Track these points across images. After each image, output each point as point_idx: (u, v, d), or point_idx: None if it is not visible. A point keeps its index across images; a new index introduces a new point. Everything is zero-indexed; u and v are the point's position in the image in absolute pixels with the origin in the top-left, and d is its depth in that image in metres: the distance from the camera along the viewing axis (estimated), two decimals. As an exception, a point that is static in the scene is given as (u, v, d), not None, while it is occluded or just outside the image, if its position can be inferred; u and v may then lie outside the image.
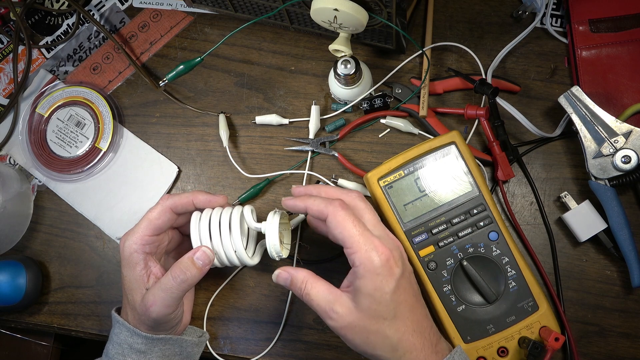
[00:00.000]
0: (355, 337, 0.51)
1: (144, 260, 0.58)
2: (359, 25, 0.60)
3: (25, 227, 0.74)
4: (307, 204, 0.54)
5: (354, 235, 0.51)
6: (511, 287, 0.60)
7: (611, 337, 0.63)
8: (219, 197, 0.60)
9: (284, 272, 0.55)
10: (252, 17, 0.71)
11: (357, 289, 0.51)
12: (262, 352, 0.67)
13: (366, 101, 0.68)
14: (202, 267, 0.56)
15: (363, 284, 0.50)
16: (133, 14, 0.77)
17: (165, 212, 0.58)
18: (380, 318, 0.51)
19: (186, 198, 0.59)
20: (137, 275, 0.58)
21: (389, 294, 0.50)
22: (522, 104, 0.68)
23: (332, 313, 0.51)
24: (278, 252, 0.57)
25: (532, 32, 0.68)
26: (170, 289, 0.55)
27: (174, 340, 0.61)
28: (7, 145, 0.76)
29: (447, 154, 0.61)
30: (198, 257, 0.56)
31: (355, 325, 0.51)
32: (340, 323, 0.51)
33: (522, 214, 0.66)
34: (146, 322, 0.58)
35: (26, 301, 0.70)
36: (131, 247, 0.58)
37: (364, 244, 0.51)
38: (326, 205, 0.53)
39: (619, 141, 0.61)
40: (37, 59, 0.78)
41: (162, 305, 0.56)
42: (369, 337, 0.51)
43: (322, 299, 0.52)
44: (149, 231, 0.58)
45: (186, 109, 0.73)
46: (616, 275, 0.64)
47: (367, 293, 0.50)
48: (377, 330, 0.51)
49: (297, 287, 0.54)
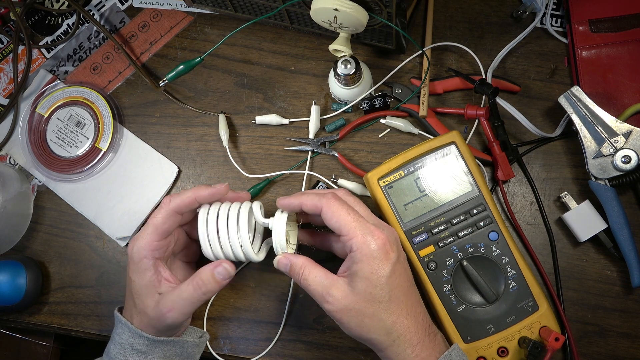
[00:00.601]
0: (350, 321, 0.52)
1: (153, 266, 0.58)
2: (359, 25, 0.60)
3: (25, 227, 0.74)
4: (302, 200, 0.56)
5: (349, 222, 0.53)
6: (511, 287, 0.60)
7: (611, 337, 0.63)
8: (221, 187, 0.59)
9: (284, 258, 0.57)
10: (252, 17, 0.71)
11: (354, 273, 0.52)
12: (262, 352, 0.67)
13: (366, 101, 0.68)
14: (221, 282, 0.57)
15: (360, 267, 0.52)
16: (133, 14, 0.77)
17: (170, 216, 0.58)
18: (375, 301, 0.52)
19: (189, 198, 0.58)
20: (147, 281, 0.58)
21: (384, 277, 0.52)
22: (522, 104, 0.68)
23: (328, 297, 0.53)
24: (284, 248, 0.57)
25: (532, 32, 0.68)
26: (189, 299, 0.56)
27: (175, 342, 0.61)
28: (7, 145, 0.76)
29: (447, 154, 0.61)
30: (219, 272, 0.57)
31: (351, 308, 0.52)
32: (336, 306, 0.52)
33: (522, 214, 0.66)
34: (157, 326, 0.58)
35: (26, 301, 0.70)
36: (140, 253, 0.58)
37: (360, 230, 0.53)
38: (319, 199, 0.55)
39: (619, 141, 0.61)
40: (37, 59, 0.78)
41: (179, 313, 0.57)
42: (364, 321, 0.52)
43: (319, 284, 0.53)
44: (157, 237, 0.58)
45: (186, 109, 0.73)
46: (616, 275, 0.64)
47: (364, 276, 0.52)
48: (372, 313, 0.52)
49: (295, 272, 0.55)
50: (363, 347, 0.65)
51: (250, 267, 0.69)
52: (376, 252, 0.52)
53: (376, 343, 0.53)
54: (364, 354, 0.66)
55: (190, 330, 0.65)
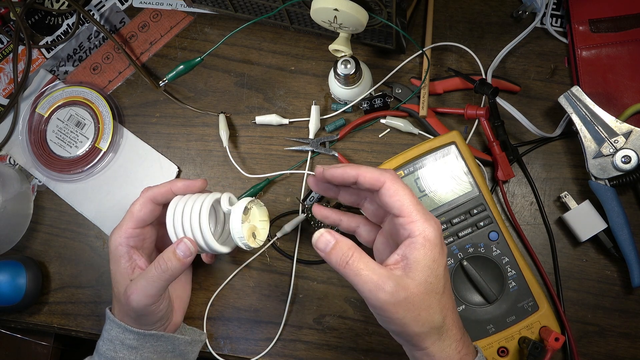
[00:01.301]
0: (406, 315, 0.46)
1: (127, 254, 0.58)
2: (359, 25, 0.60)
3: (25, 227, 0.74)
4: (360, 171, 0.50)
5: (412, 204, 0.48)
6: (511, 287, 0.60)
7: (611, 337, 0.63)
8: (197, 181, 0.60)
9: (328, 234, 0.49)
10: (252, 17, 0.71)
11: (415, 261, 0.47)
12: (262, 352, 0.67)
13: (366, 101, 0.68)
14: (183, 259, 0.56)
15: (422, 255, 0.47)
16: (133, 14, 0.77)
17: (147, 204, 0.59)
18: (432, 292, 0.47)
19: (164, 187, 0.60)
20: (122, 268, 0.58)
21: (442, 267, 0.48)
22: (522, 104, 0.68)
23: (386, 287, 0.45)
24: (240, 235, 0.57)
25: (532, 32, 0.68)
26: (151, 278, 0.56)
27: (165, 338, 0.61)
28: (7, 145, 0.76)
29: (447, 154, 0.61)
30: (180, 249, 0.57)
31: (410, 301, 0.46)
32: (394, 298, 0.46)
33: (522, 214, 0.66)
34: (128, 312, 0.58)
35: (26, 301, 0.70)
36: (116, 241, 0.59)
37: (422, 214, 0.48)
38: (381, 173, 0.49)
39: (619, 141, 0.61)
40: (37, 59, 0.78)
41: (142, 295, 0.56)
42: (420, 314, 0.47)
43: (373, 272, 0.46)
44: (132, 224, 0.59)
45: (186, 109, 0.73)
46: (616, 275, 0.64)
47: (426, 265, 0.47)
48: (429, 305, 0.47)
49: (340, 255, 0.48)
50: (363, 347, 0.65)
51: (251, 267, 0.69)
52: (437, 239, 0.47)
53: (424, 338, 0.48)
54: (364, 354, 0.66)
55: (189, 330, 0.65)
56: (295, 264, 0.68)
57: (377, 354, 0.65)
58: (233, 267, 0.69)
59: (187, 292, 0.68)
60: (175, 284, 0.64)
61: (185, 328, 0.66)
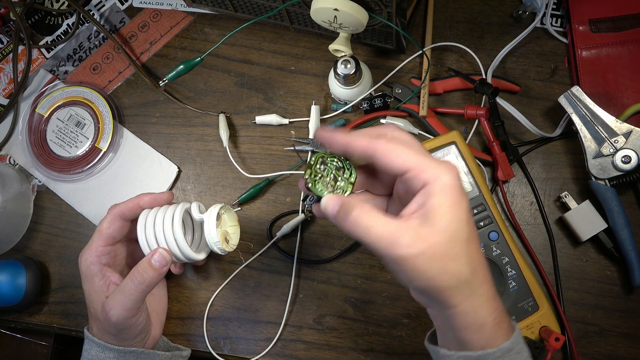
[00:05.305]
0: (432, 267, 0.40)
1: (100, 272, 0.59)
2: (359, 25, 0.60)
3: (25, 227, 0.74)
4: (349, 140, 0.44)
5: (416, 153, 0.42)
6: (511, 287, 0.60)
7: (611, 337, 0.63)
8: (164, 194, 0.61)
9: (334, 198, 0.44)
10: (252, 17, 0.71)
11: (433, 208, 0.41)
12: (262, 352, 0.67)
13: (366, 101, 0.68)
14: (159, 269, 0.57)
15: (440, 201, 0.41)
16: (133, 13, 0.77)
17: (115, 220, 0.59)
18: (458, 240, 0.41)
19: (132, 202, 0.60)
20: (96, 287, 0.59)
21: (464, 211, 0.42)
22: (522, 104, 0.68)
23: (402, 239, 0.40)
24: (215, 241, 0.58)
25: (532, 32, 0.68)
26: (128, 291, 0.56)
27: (145, 354, 0.61)
28: (7, 145, 0.76)
29: (447, 154, 0.61)
30: (155, 259, 0.57)
31: (432, 251, 0.40)
32: (416, 249, 0.40)
33: (522, 214, 0.66)
34: (108, 329, 0.58)
35: (26, 301, 0.70)
36: (87, 261, 0.59)
37: (429, 161, 0.42)
38: (376, 138, 0.43)
39: (619, 141, 0.61)
40: (37, 59, 0.78)
41: (121, 308, 0.56)
42: (447, 265, 0.41)
43: (383, 225, 0.41)
44: (102, 242, 0.59)
45: (186, 109, 0.73)
46: (616, 275, 0.64)
47: (446, 210, 0.41)
48: (456, 253, 0.41)
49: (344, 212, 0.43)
50: (363, 347, 0.65)
51: (251, 267, 0.69)
52: (455, 181, 0.41)
53: (454, 293, 0.42)
54: (364, 354, 0.66)
55: (172, 346, 0.66)
56: (296, 264, 0.68)
57: (377, 354, 0.65)
58: (233, 267, 0.69)
59: (163, 306, 0.67)
60: (150, 298, 0.64)
61: (169, 345, 0.66)
